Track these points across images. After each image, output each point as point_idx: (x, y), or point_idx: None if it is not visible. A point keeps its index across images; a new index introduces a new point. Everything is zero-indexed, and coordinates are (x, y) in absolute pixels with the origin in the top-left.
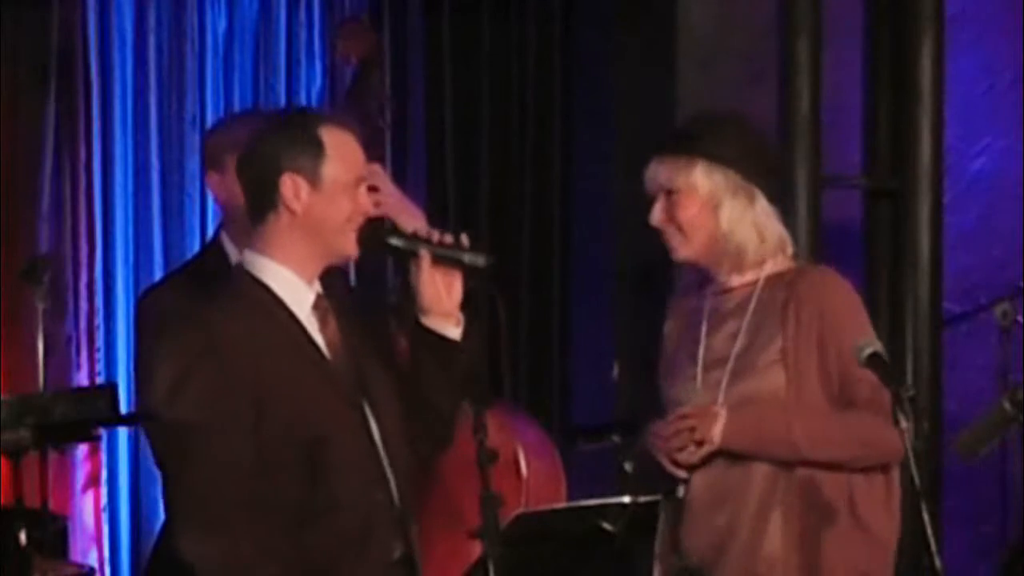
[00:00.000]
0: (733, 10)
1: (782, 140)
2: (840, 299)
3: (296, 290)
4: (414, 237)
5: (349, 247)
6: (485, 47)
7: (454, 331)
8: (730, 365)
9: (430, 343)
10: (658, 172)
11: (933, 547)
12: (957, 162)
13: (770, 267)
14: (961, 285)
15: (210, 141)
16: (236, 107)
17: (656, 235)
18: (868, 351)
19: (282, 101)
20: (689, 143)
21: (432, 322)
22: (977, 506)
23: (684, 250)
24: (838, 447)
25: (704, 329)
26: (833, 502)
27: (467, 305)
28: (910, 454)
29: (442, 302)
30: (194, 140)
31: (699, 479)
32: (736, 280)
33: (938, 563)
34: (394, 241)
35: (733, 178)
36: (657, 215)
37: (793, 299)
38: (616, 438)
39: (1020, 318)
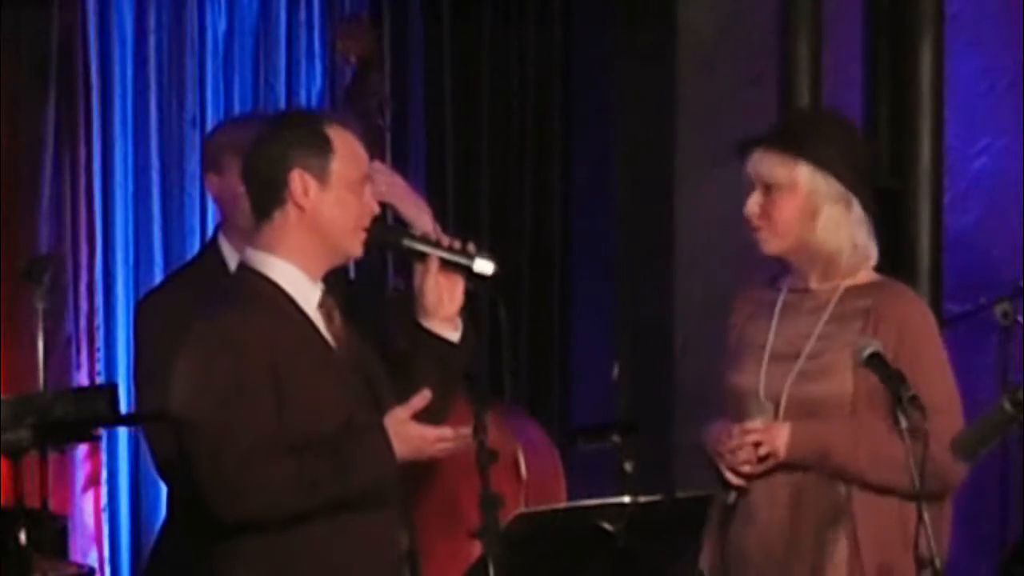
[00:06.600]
0: (733, 10)
1: None
2: (921, 324)
3: (303, 286)
4: (426, 240)
5: (356, 249)
6: (485, 47)
7: (453, 334)
8: (799, 364)
9: (429, 344)
10: (761, 164)
11: (933, 547)
12: (957, 162)
13: (855, 278)
14: (961, 285)
15: (209, 143)
16: (236, 107)
17: (655, 235)
18: (868, 351)
19: (282, 101)
20: (797, 141)
21: (432, 325)
22: (977, 506)
23: (774, 245)
24: (897, 471)
25: (775, 322)
26: (886, 521)
27: (467, 306)
28: (910, 454)
29: (444, 307)
30: (194, 140)
31: (756, 488)
32: (817, 283)
33: (938, 563)
34: (407, 243)
35: (835, 186)
36: (752, 208)
37: (874, 311)
38: (616, 438)
39: (1020, 318)
